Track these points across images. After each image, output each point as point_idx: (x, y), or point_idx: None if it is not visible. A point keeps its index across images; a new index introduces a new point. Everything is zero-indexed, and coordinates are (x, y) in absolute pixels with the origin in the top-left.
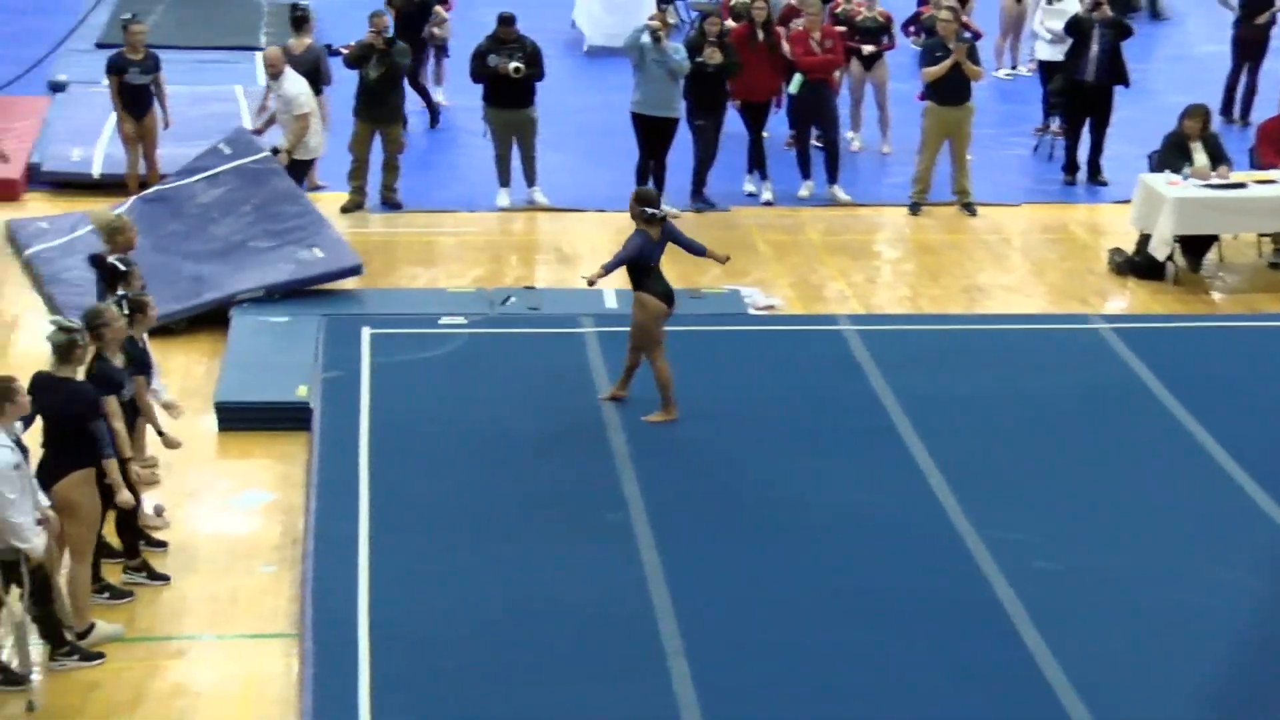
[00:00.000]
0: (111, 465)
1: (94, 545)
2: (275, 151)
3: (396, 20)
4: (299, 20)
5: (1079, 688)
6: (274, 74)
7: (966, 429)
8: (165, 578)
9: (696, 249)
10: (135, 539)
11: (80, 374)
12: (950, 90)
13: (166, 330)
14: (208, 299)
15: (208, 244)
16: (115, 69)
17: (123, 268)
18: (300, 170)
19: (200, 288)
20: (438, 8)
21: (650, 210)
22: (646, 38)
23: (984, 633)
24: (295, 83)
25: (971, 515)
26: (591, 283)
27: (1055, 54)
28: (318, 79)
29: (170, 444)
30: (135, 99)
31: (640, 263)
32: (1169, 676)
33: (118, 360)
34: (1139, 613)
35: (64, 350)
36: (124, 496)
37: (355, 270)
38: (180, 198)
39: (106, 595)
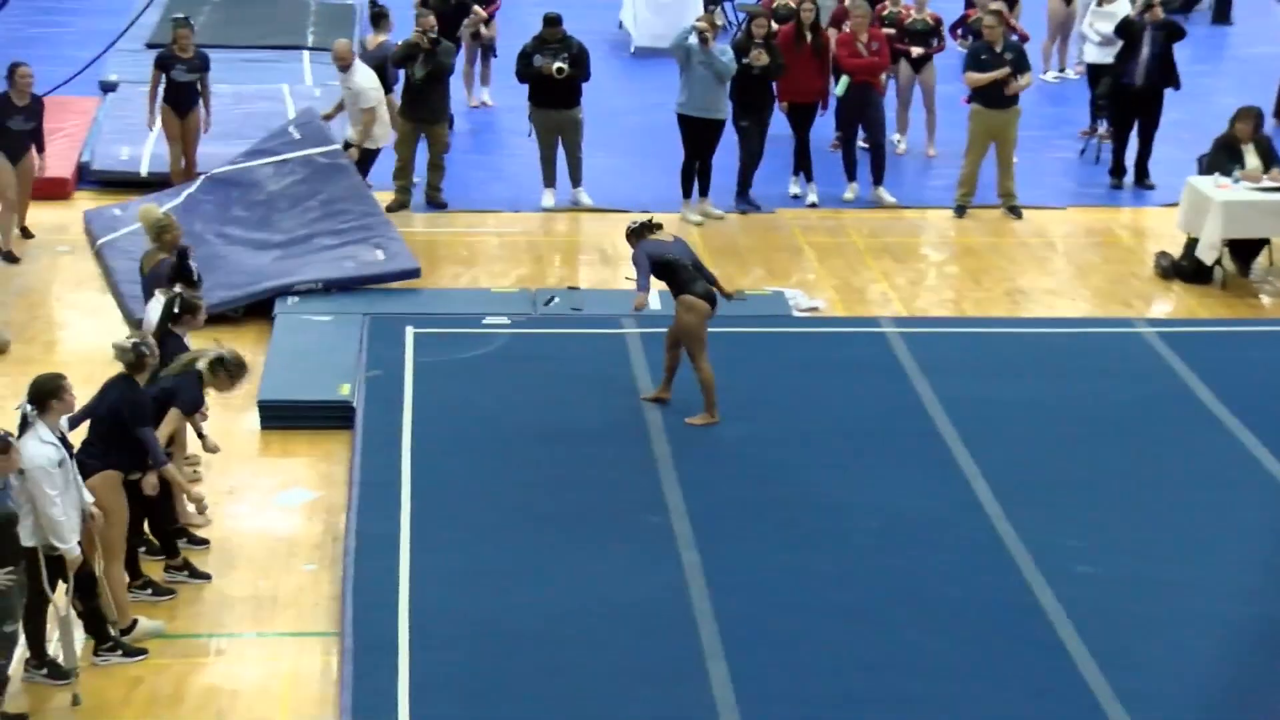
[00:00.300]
0: (170, 470)
1: (125, 544)
2: (347, 146)
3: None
4: (376, 17)
5: (1122, 695)
6: (343, 66)
7: (1009, 433)
8: (206, 576)
9: (706, 274)
10: (174, 538)
11: (144, 381)
12: (996, 94)
13: (223, 319)
14: (265, 286)
15: (271, 234)
16: (162, 64)
17: (194, 273)
18: (368, 160)
19: (260, 278)
20: (476, 8)
21: (637, 223)
22: (693, 39)
23: (1027, 639)
24: (365, 76)
25: (1014, 520)
26: (639, 307)
27: (1104, 56)
28: (385, 77)
29: (210, 448)
30: (179, 96)
31: (666, 264)
32: (1213, 685)
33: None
34: (1184, 621)
35: (134, 364)
36: (196, 493)
37: (414, 273)
38: (248, 181)
39: (149, 592)
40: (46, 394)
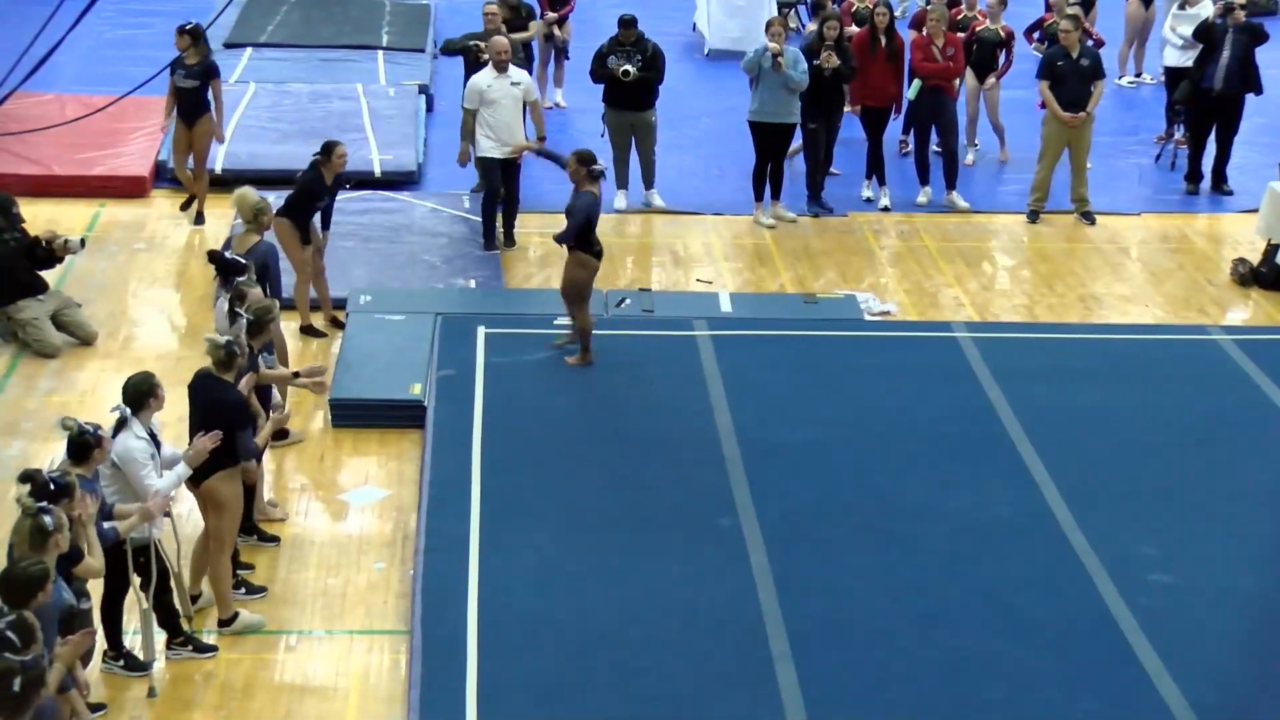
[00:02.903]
0: (272, 375)
1: (235, 537)
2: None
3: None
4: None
5: (1196, 705)
6: (503, 65)
7: (1081, 439)
8: (275, 539)
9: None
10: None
11: (231, 378)
12: (1070, 99)
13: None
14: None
15: (386, 254)
16: (171, 68)
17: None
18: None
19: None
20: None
21: (597, 168)
22: (767, 61)
23: (1096, 646)
24: (525, 72)
25: (1086, 527)
26: (563, 240)
27: (1185, 60)
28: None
29: (313, 374)
30: (183, 103)
31: (590, 224)
32: None
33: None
34: (1260, 632)
35: (223, 362)
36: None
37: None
38: (408, 215)
39: (243, 591)
40: (143, 394)
